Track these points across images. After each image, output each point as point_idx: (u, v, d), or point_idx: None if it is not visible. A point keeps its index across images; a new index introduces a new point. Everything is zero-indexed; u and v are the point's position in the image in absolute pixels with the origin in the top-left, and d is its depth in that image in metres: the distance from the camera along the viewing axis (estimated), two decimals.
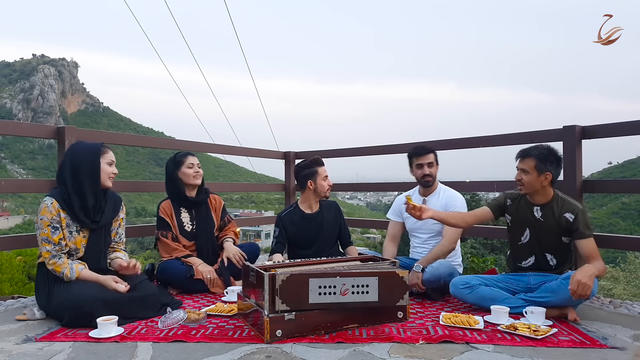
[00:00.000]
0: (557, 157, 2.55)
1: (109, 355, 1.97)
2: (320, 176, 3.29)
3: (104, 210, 2.66)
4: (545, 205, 2.59)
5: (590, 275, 2.27)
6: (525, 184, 2.56)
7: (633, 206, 47.91)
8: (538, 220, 2.61)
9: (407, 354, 1.97)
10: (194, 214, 3.33)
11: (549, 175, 2.51)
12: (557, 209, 2.56)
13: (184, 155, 3.32)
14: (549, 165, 2.50)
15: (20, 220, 53.62)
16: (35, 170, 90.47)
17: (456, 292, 2.65)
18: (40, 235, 2.47)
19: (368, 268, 2.43)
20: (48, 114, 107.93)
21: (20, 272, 5.23)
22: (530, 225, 2.64)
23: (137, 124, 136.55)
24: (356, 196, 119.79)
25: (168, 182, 3.33)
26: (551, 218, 2.57)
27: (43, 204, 2.50)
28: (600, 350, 2.02)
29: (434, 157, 3.23)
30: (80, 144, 2.71)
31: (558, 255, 2.62)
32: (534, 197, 2.61)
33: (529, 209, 2.64)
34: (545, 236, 2.61)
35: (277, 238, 3.32)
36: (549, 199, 2.58)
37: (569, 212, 2.53)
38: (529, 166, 2.53)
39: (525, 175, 2.54)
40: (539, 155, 2.52)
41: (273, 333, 2.10)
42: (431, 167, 3.20)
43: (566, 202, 2.57)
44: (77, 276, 2.46)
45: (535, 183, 2.54)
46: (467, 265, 4.39)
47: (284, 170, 5.20)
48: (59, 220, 2.50)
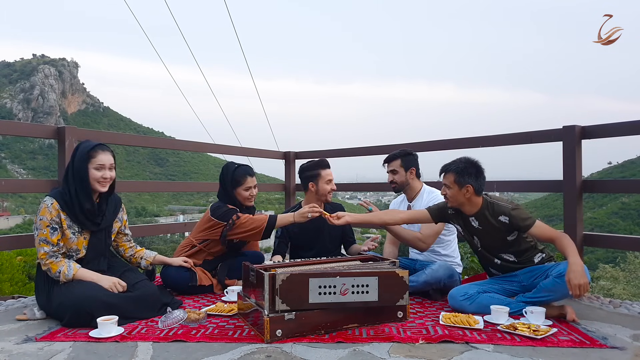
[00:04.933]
0: (476, 168, 2.58)
1: (109, 355, 1.97)
2: (323, 179, 3.24)
3: (105, 213, 2.65)
4: (478, 214, 2.63)
5: (582, 272, 2.28)
6: (450, 198, 2.63)
7: (633, 206, 47.86)
8: (478, 229, 2.66)
9: (407, 353, 1.97)
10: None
11: (470, 187, 2.55)
12: (489, 215, 2.60)
13: (243, 175, 3.19)
14: (468, 177, 2.55)
15: (21, 220, 53.60)
16: (35, 170, 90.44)
17: (456, 304, 2.61)
18: (39, 235, 2.46)
19: (368, 268, 2.43)
20: (48, 114, 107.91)
21: (20, 272, 5.22)
22: (475, 235, 2.70)
23: (137, 124, 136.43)
24: (356, 196, 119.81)
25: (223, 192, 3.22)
26: (488, 224, 2.61)
27: (43, 204, 2.49)
28: (600, 350, 2.02)
29: (399, 163, 3.20)
30: (79, 145, 2.63)
31: (514, 252, 2.64)
32: (465, 208, 2.65)
33: (467, 220, 2.69)
34: (491, 241, 2.65)
35: (280, 238, 3.30)
36: (479, 208, 2.62)
37: (502, 215, 2.55)
38: (449, 181, 2.60)
39: (449, 190, 2.61)
40: (456, 169, 2.58)
41: (273, 333, 2.10)
42: (394, 174, 3.21)
43: (496, 206, 2.59)
44: (75, 274, 2.45)
45: (458, 196, 2.59)
46: (467, 265, 4.39)
47: (284, 170, 5.20)
48: (58, 221, 2.49)
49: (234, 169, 3.22)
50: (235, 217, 3.03)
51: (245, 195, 3.19)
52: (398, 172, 3.20)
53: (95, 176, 2.55)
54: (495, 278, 2.75)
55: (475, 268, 4.38)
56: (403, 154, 3.24)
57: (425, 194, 3.21)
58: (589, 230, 3.57)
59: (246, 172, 3.22)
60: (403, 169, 3.20)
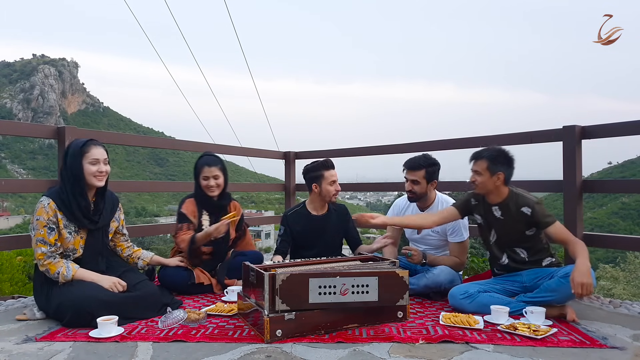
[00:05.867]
0: (508, 157, 2.61)
1: (109, 355, 1.97)
2: (327, 180, 3.15)
3: (102, 212, 2.64)
4: (502, 203, 2.65)
5: (587, 272, 2.28)
6: (479, 185, 2.64)
7: (633, 206, 47.90)
8: (499, 219, 2.68)
9: (407, 353, 1.97)
10: (214, 220, 3.20)
11: (501, 175, 2.58)
12: (513, 206, 2.62)
13: (202, 165, 3.19)
14: (500, 166, 2.58)
15: (21, 220, 53.59)
16: (35, 170, 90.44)
17: (456, 302, 2.61)
18: (36, 236, 2.44)
19: (368, 268, 2.43)
20: (48, 114, 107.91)
21: (20, 272, 5.22)
22: (494, 225, 2.72)
23: (137, 124, 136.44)
24: (356, 196, 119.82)
25: (195, 182, 3.26)
26: (510, 215, 2.63)
27: (39, 204, 2.47)
28: (600, 350, 2.02)
29: (423, 174, 2.97)
30: (71, 143, 2.63)
31: (527, 248, 2.66)
32: (490, 197, 2.68)
33: (489, 209, 2.71)
34: (509, 233, 2.67)
35: (282, 237, 3.26)
36: (505, 197, 2.65)
37: (525, 207, 2.58)
38: (481, 167, 2.61)
39: (479, 177, 2.62)
40: (489, 156, 2.60)
41: (273, 333, 2.10)
42: (415, 185, 2.99)
43: (520, 197, 2.62)
44: (74, 275, 2.45)
45: (488, 184, 2.61)
46: (467, 265, 4.39)
47: (284, 170, 5.20)
48: (55, 221, 2.47)
49: (198, 158, 3.26)
50: (177, 229, 3.15)
51: (204, 185, 3.17)
52: (420, 183, 2.99)
53: (91, 171, 2.54)
54: (498, 278, 2.75)
55: (475, 268, 4.38)
56: (429, 163, 3.01)
57: (440, 204, 3.07)
58: (589, 230, 3.57)
59: (205, 161, 3.20)
60: (425, 181, 2.99)
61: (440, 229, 3.06)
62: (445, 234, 3.08)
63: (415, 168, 3.01)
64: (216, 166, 3.19)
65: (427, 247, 3.18)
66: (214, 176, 3.17)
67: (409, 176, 3.03)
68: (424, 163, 3.01)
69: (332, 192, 3.18)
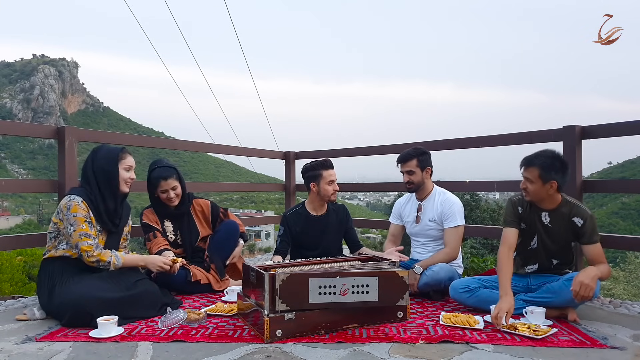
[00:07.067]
0: (562, 163, 2.44)
1: (109, 355, 1.97)
2: (325, 180, 3.17)
3: (121, 216, 2.72)
4: (554, 210, 2.52)
5: (593, 277, 2.27)
6: (531, 193, 2.48)
7: (633, 206, 47.91)
8: (546, 226, 2.54)
9: (407, 353, 1.97)
10: (177, 225, 3.21)
11: (555, 183, 2.42)
12: (565, 214, 2.49)
13: (157, 180, 3.08)
14: (554, 173, 2.40)
15: (20, 220, 53.62)
16: (35, 170, 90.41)
17: (456, 295, 2.63)
18: (77, 231, 2.48)
19: (368, 268, 2.43)
20: (48, 114, 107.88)
21: (20, 272, 5.22)
22: (538, 232, 2.57)
23: (137, 124, 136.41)
24: (356, 196, 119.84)
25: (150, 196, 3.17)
26: (559, 223, 2.51)
27: (73, 202, 2.51)
28: (600, 350, 2.02)
29: (415, 163, 3.10)
30: (102, 148, 2.72)
31: (562, 258, 2.59)
32: (542, 203, 2.53)
33: (537, 214, 2.56)
34: (553, 242, 2.55)
35: (282, 237, 3.28)
36: (557, 205, 2.51)
37: (578, 217, 2.46)
38: (533, 175, 2.44)
39: (530, 185, 2.46)
40: (542, 164, 2.42)
41: (273, 333, 2.10)
42: (411, 175, 3.11)
43: (575, 207, 2.49)
44: (124, 262, 2.57)
45: (540, 192, 2.45)
46: (467, 265, 4.40)
47: (284, 170, 5.20)
48: (90, 218, 2.55)
49: (151, 170, 3.12)
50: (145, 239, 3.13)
51: (163, 197, 3.10)
52: (415, 173, 3.10)
53: (125, 177, 2.68)
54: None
55: (475, 268, 4.38)
56: (419, 153, 3.13)
57: (437, 195, 3.14)
58: None
59: (160, 175, 3.07)
60: (419, 169, 3.10)
61: (437, 218, 3.09)
62: (442, 222, 3.10)
63: (407, 159, 3.14)
64: (172, 177, 3.08)
65: (427, 239, 3.19)
66: (172, 187, 3.08)
67: (403, 168, 3.16)
68: (414, 153, 3.14)
69: (330, 191, 3.20)
